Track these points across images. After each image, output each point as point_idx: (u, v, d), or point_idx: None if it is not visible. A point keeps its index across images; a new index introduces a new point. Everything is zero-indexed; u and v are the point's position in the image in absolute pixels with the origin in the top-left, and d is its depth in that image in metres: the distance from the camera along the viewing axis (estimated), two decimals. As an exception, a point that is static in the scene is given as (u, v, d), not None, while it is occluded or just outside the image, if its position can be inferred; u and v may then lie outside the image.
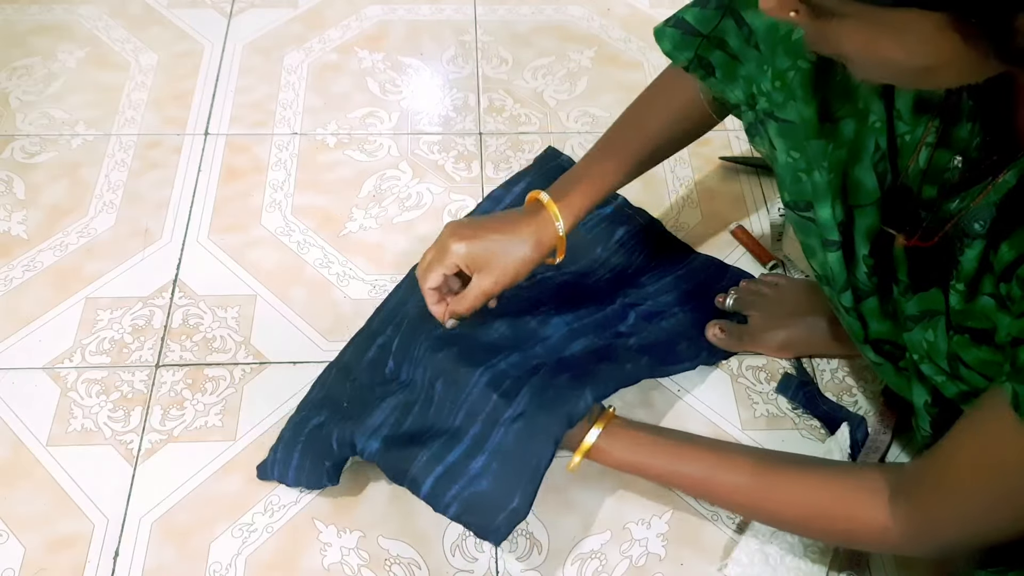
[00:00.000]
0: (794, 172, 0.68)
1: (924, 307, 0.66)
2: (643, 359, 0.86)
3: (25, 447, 0.83)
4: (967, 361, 0.61)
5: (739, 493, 0.69)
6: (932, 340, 0.64)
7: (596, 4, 1.32)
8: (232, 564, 0.76)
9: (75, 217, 1.02)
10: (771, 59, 0.67)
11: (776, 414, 0.87)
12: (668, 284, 0.95)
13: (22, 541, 0.77)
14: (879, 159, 0.66)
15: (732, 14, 0.70)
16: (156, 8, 1.29)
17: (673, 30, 0.75)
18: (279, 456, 0.80)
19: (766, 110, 0.69)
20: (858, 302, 0.72)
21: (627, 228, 1.00)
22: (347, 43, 1.25)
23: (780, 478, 0.68)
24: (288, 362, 0.90)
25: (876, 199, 0.67)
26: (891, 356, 0.74)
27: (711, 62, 0.73)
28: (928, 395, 0.69)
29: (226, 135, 1.12)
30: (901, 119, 0.65)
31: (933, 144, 0.63)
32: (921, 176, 0.64)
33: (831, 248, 0.69)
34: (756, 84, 0.69)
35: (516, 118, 1.16)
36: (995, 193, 0.56)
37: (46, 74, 1.19)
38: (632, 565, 0.77)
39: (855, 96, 0.66)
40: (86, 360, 0.89)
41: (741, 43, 0.70)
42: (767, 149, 0.71)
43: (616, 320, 0.90)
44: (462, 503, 0.71)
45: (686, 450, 0.72)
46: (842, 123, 0.66)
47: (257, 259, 0.99)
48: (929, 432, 0.71)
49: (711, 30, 0.72)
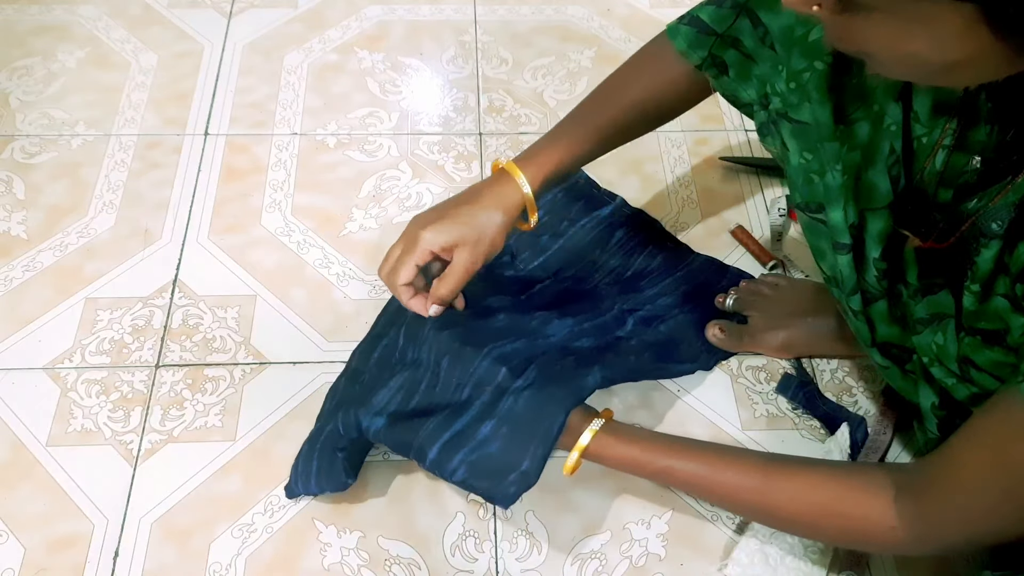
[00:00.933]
0: (806, 174, 0.68)
1: (933, 310, 0.65)
2: (645, 354, 0.86)
3: (25, 447, 0.83)
4: (979, 363, 0.61)
5: (743, 491, 0.68)
6: (942, 343, 0.64)
7: (596, 4, 1.32)
8: (232, 564, 0.76)
9: (75, 217, 1.02)
10: (787, 60, 0.67)
11: (776, 414, 0.87)
12: (667, 287, 0.95)
13: (22, 541, 0.77)
14: (893, 162, 0.66)
15: (748, 13, 0.70)
16: (156, 8, 1.29)
17: (688, 28, 0.75)
18: (300, 470, 0.79)
19: (779, 110, 0.68)
20: (867, 305, 0.72)
21: (625, 230, 1.00)
22: (347, 43, 1.25)
23: (785, 476, 0.67)
24: (288, 362, 0.90)
25: (889, 202, 0.67)
26: (898, 359, 0.74)
27: (724, 61, 0.73)
28: (936, 397, 0.69)
29: (226, 135, 1.12)
30: (919, 121, 0.64)
31: (950, 146, 0.63)
32: (937, 178, 0.64)
33: (841, 251, 0.69)
34: (770, 84, 0.69)
35: (516, 118, 1.16)
36: (1014, 193, 0.56)
37: (46, 74, 1.19)
38: (632, 565, 0.77)
39: (871, 99, 0.65)
40: (86, 360, 0.89)
41: (756, 43, 0.70)
42: (779, 150, 0.71)
43: (614, 326, 0.90)
44: (469, 467, 0.70)
45: (686, 448, 0.71)
46: (856, 125, 0.66)
47: (257, 259, 0.99)
48: (936, 434, 0.71)
49: (726, 29, 0.72)
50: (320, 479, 0.78)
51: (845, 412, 0.85)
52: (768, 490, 0.67)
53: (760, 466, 0.68)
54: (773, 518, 0.70)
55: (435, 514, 0.80)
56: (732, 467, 0.69)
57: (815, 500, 0.65)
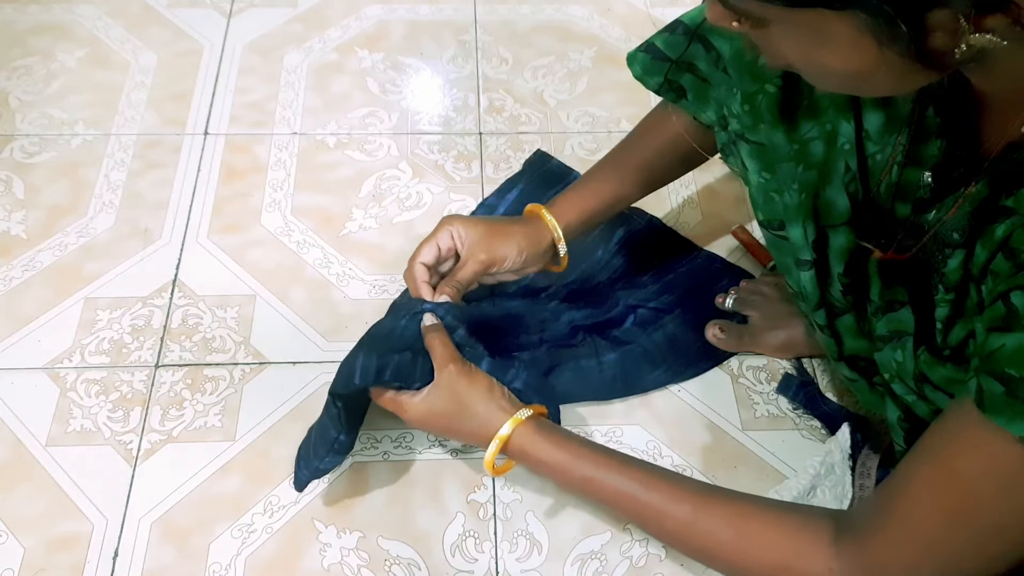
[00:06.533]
0: (766, 192, 0.69)
1: (893, 327, 0.65)
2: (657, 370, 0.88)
3: (24, 447, 0.83)
4: (933, 379, 0.61)
5: (669, 519, 0.64)
6: (900, 360, 0.64)
7: (596, 4, 1.32)
8: (232, 565, 0.76)
9: (74, 217, 1.02)
10: (739, 82, 0.68)
11: (776, 414, 0.87)
12: (669, 282, 0.95)
13: (22, 541, 0.77)
14: (850, 180, 0.66)
15: (700, 39, 0.72)
16: (155, 8, 1.29)
17: (644, 55, 0.78)
18: (301, 453, 0.77)
19: (737, 132, 0.69)
20: (833, 319, 0.72)
21: (627, 228, 1.00)
22: (347, 43, 1.25)
23: (718, 508, 0.63)
24: (288, 362, 0.90)
25: (848, 219, 0.67)
26: (866, 372, 0.74)
27: (682, 85, 0.75)
28: (900, 411, 0.69)
29: (226, 135, 1.12)
30: (870, 139, 0.65)
31: (902, 163, 0.63)
32: (893, 194, 0.64)
33: (804, 267, 0.70)
34: (726, 106, 0.70)
35: (516, 118, 1.16)
36: (968, 204, 0.56)
37: (46, 74, 1.19)
38: (632, 565, 0.77)
39: (823, 118, 0.66)
40: (85, 360, 0.89)
41: (710, 66, 0.72)
42: (740, 169, 0.72)
43: (616, 323, 0.90)
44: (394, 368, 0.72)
45: (616, 462, 0.68)
46: (811, 144, 0.66)
47: (257, 259, 0.99)
48: (903, 446, 0.70)
49: (680, 55, 0.74)
50: (319, 454, 0.75)
51: (846, 412, 0.85)
52: (698, 521, 0.63)
53: (693, 491, 0.65)
54: (700, 552, 0.65)
55: (435, 514, 0.80)
56: (662, 492, 0.65)
57: (748, 536, 0.61)
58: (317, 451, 0.75)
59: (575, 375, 0.86)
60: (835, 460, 0.80)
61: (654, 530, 0.67)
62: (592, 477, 0.67)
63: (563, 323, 0.89)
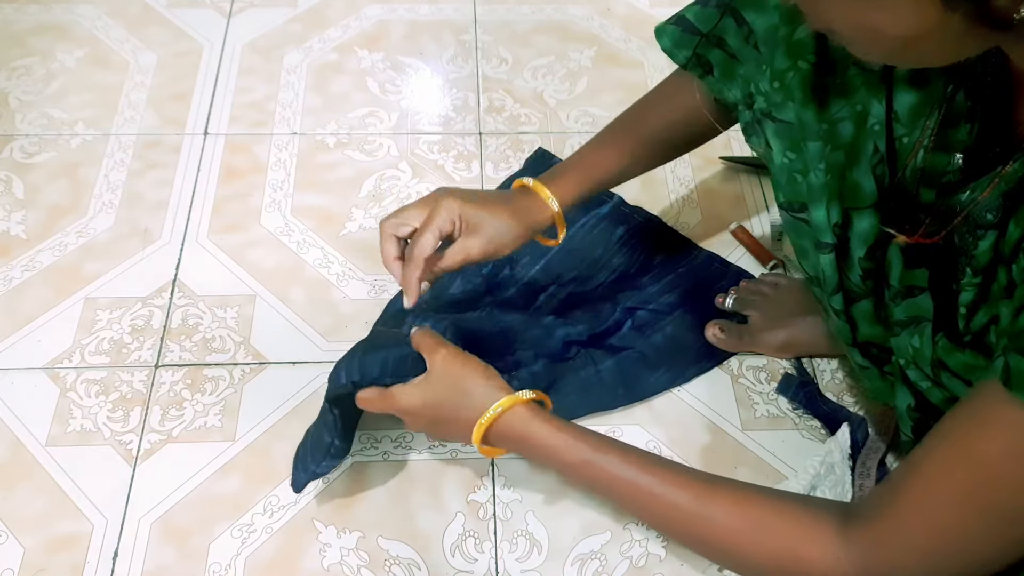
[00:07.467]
0: (790, 173, 0.68)
1: (912, 313, 0.65)
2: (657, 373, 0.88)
3: (24, 447, 0.83)
4: (951, 366, 0.60)
5: (669, 506, 0.62)
6: (918, 346, 0.64)
7: (596, 4, 1.32)
8: (232, 565, 0.76)
9: (74, 217, 1.02)
10: (770, 59, 0.67)
11: (776, 414, 0.87)
12: (669, 283, 0.95)
13: (21, 541, 0.77)
14: (877, 162, 0.66)
15: (732, 13, 0.70)
16: (155, 8, 1.29)
17: (673, 27, 0.75)
18: (299, 455, 0.77)
19: (763, 110, 0.69)
20: (849, 305, 0.72)
21: (626, 226, 1.00)
22: (347, 43, 1.25)
23: (720, 495, 0.61)
24: (288, 362, 0.90)
25: (874, 202, 0.67)
26: (878, 360, 0.74)
27: (709, 60, 0.73)
28: (912, 399, 0.68)
29: (225, 135, 1.12)
30: (899, 121, 0.65)
31: (929, 147, 0.63)
32: (918, 178, 0.64)
33: (824, 250, 0.69)
34: (754, 84, 0.69)
35: (516, 118, 1.15)
36: (1004, 183, 0.55)
37: (45, 74, 1.19)
38: (632, 565, 0.77)
39: (854, 98, 0.65)
40: (85, 360, 0.89)
41: (740, 42, 0.70)
42: (763, 149, 0.71)
43: (612, 331, 0.90)
44: None
45: (616, 448, 0.66)
46: (840, 125, 0.66)
47: (256, 259, 0.99)
48: (910, 436, 0.70)
49: (711, 28, 0.72)
50: (315, 452, 0.75)
51: (846, 412, 0.85)
52: (701, 511, 0.61)
53: (694, 479, 0.63)
54: (702, 544, 0.63)
55: (435, 514, 0.80)
56: (663, 480, 0.63)
57: (752, 526, 0.59)
58: (314, 455, 0.76)
59: (576, 388, 0.85)
60: (835, 460, 0.80)
61: (653, 518, 0.65)
62: (590, 460, 0.65)
63: (557, 339, 0.88)
